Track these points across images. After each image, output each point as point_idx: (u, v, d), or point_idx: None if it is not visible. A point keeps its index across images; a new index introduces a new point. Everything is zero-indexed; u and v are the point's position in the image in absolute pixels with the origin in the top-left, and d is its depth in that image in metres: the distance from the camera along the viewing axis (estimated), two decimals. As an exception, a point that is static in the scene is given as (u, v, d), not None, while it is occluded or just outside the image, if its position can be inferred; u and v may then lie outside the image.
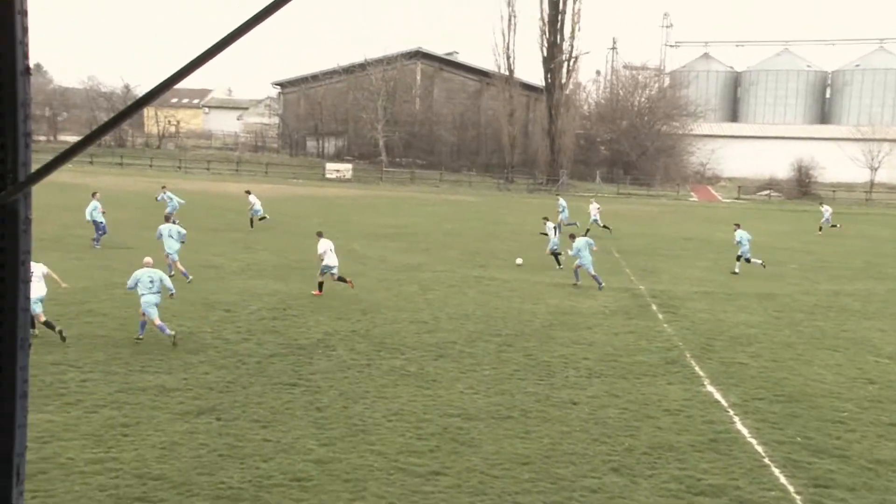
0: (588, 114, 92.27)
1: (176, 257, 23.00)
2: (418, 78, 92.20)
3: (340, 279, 22.19)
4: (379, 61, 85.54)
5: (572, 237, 26.08)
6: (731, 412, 13.49)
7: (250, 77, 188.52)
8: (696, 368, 16.15)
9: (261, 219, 35.48)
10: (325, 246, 22.24)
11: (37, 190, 3.12)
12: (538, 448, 11.59)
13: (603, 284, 24.50)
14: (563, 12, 78.49)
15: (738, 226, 29.82)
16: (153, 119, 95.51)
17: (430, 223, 39.84)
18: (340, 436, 11.72)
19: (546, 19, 78.78)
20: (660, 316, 21.18)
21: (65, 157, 3.07)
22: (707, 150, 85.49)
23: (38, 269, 16.41)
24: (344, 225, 38.21)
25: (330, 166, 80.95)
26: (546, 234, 30.68)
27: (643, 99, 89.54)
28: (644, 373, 15.69)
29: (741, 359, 16.99)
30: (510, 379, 14.97)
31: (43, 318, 15.81)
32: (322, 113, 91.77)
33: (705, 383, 15.17)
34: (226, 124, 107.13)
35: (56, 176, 3.25)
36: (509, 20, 79.62)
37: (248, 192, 36.55)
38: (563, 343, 17.81)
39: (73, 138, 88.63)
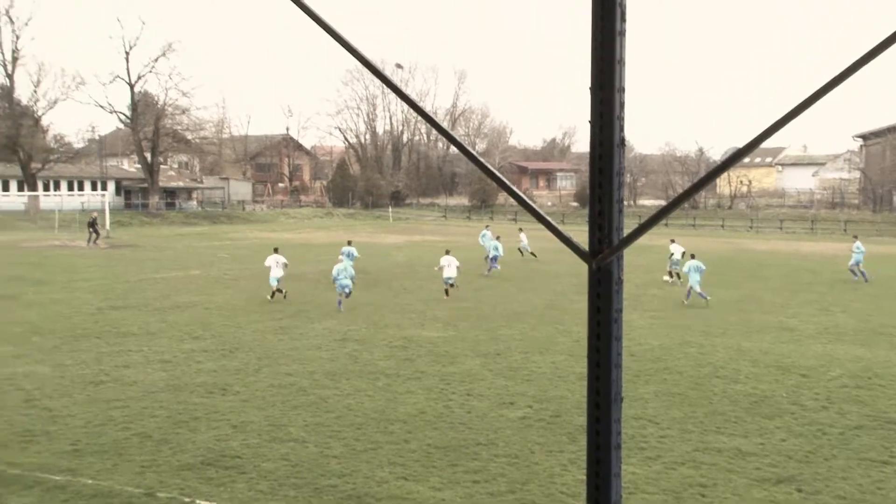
0: None
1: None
2: None
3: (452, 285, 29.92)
4: None
5: (692, 256, 29.89)
6: None
7: (828, 131, 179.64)
8: None
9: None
10: (445, 261, 30.69)
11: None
12: None
13: (708, 298, 28.38)
14: None
15: None
16: (725, 179, 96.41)
17: None
18: (943, 526, 10.25)
19: None
20: None
21: (653, 220, 3.20)
22: None
23: (280, 259, 29.12)
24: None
25: (921, 220, 72.97)
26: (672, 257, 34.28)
27: None
28: None
29: None
30: None
31: (275, 288, 28.74)
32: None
33: None
34: (800, 181, 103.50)
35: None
36: None
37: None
38: None
39: (650, 202, 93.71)
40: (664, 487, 11.61)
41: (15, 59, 78.38)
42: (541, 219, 3.35)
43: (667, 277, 34.61)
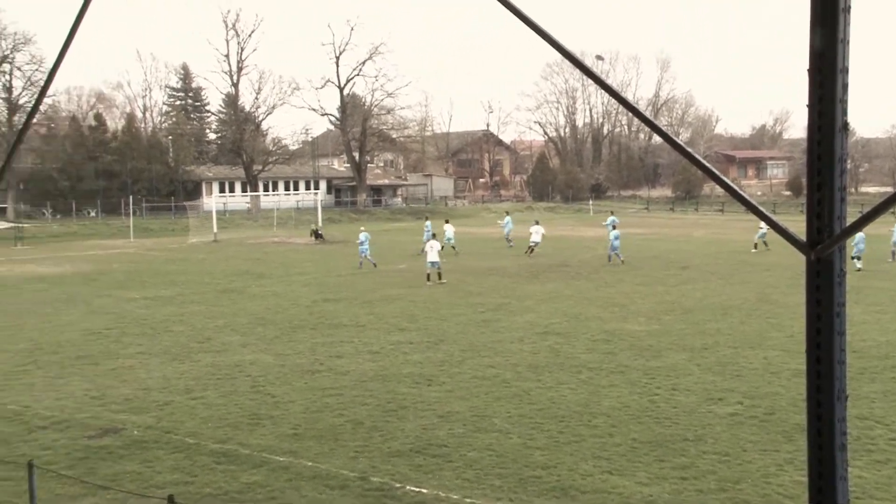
0: None
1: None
2: None
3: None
4: None
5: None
6: None
7: None
8: None
9: None
10: (534, 230, 42.89)
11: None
12: None
13: None
14: None
15: None
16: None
17: None
18: None
19: None
20: None
21: (880, 209, 3.02)
22: None
23: (436, 245, 32.28)
24: None
25: None
26: None
27: None
28: None
29: None
30: None
31: (434, 271, 31.87)
32: None
33: None
34: None
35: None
36: None
37: None
38: None
39: (874, 189, 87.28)
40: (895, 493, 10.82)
41: (240, 70, 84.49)
42: (753, 209, 3.23)
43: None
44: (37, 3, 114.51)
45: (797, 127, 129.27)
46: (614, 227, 40.91)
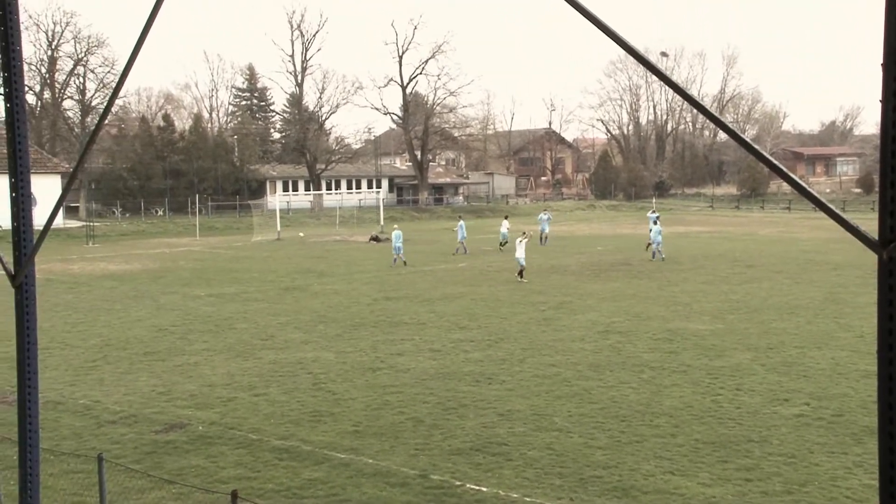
0: None
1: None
2: None
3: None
4: None
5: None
6: None
7: None
8: None
9: None
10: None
11: None
12: None
13: None
14: None
15: None
16: None
17: None
18: None
19: None
20: None
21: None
22: None
23: (525, 241, 33.11)
24: None
25: None
26: None
27: None
28: None
29: None
30: None
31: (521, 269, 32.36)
32: None
33: None
34: None
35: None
36: None
37: None
38: None
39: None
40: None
41: (304, 69, 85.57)
42: (822, 206, 3.15)
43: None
44: (110, 7, 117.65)
45: (868, 123, 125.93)
46: (656, 223, 40.86)
